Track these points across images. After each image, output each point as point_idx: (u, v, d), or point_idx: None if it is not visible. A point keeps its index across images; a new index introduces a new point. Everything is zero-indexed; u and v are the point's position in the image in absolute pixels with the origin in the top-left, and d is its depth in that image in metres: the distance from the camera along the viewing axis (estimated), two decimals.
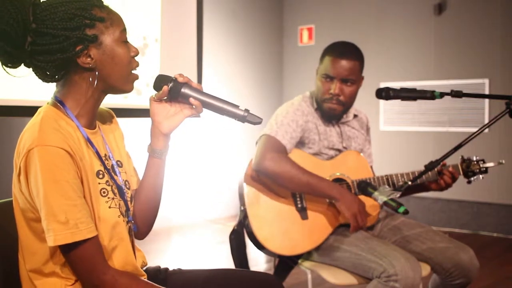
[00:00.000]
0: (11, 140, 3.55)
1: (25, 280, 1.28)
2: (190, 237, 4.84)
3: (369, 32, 5.46)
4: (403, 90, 2.02)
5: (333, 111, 2.15)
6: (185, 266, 1.58)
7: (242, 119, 1.29)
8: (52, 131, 1.17)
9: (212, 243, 4.61)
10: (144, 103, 3.53)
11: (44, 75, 1.24)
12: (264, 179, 2.07)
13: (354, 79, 2.12)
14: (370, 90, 2.55)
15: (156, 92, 1.32)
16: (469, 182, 2.18)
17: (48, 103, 1.28)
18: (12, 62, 1.21)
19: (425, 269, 2.00)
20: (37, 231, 1.22)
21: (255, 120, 1.29)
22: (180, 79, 1.30)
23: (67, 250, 1.18)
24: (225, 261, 3.74)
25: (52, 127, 1.18)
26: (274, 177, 2.02)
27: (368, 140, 2.37)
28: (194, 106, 1.31)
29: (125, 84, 1.29)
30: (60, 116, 1.24)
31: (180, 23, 4.12)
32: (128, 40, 1.31)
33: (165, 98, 1.32)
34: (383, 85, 3.94)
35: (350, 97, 2.14)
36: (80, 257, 1.18)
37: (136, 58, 1.31)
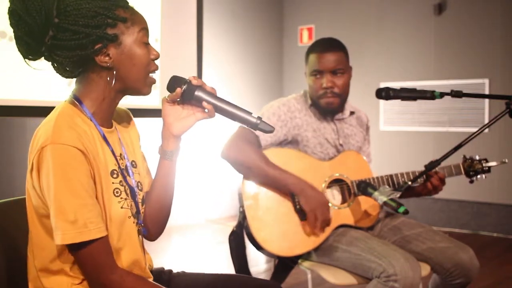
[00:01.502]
0: (11, 140, 3.56)
1: (32, 277, 1.28)
2: (190, 237, 4.84)
3: (369, 32, 5.46)
4: (403, 90, 2.02)
5: (330, 105, 2.15)
6: (186, 266, 1.59)
7: (254, 126, 1.27)
8: (66, 129, 1.18)
9: (212, 243, 4.61)
10: (150, 103, 3.53)
11: (63, 71, 1.26)
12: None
13: (343, 68, 2.14)
14: (370, 90, 2.55)
15: (169, 93, 1.32)
16: (471, 181, 2.17)
17: (66, 101, 1.28)
18: (31, 54, 1.23)
19: (425, 269, 2.00)
20: (47, 227, 1.22)
21: (267, 128, 1.28)
22: (194, 82, 1.29)
23: (76, 249, 1.18)
24: (225, 261, 3.75)
25: (67, 125, 1.19)
26: (235, 166, 2.06)
27: (367, 139, 2.38)
28: (206, 110, 1.30)
29: (142, 86, 1.29)
30: (76, 113, 1.24)
31: (180, 23, 4.12)
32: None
33: (178, 100, 1.32)
34: (383, 85, 3.94)
35: (343, 88, 2.15)
36: (88, 256, 1.18)
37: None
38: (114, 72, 1.24)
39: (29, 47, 1.20)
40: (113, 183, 1.26)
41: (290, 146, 2.17)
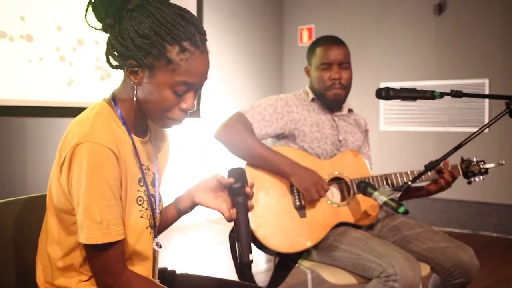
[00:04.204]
0: (11, 140, 3.56)
1: (44, 267, 1.27)
2: (190, 237, 4.84)
3: (369, 32, 5.46)
4: (403, 90, 2.02)
5: (338, 96, 2.20)
6: (186, 266, 1.59)
7: (240, 261, 1.26)
8: (104, 130, 1.18)
9: (212, 243, 4.62)
10: None
11: (108, 58, 1.24)
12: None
13: (348, 62, 2.22)
14: (370, 90, 2.55)
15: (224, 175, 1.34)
16: (469, 182, 2.19)
17: (104, 99, 1.28)
18: (102, 19, 1.22)
19: (425, 269, 2.00)
20: (65, 222, 1.22)
21: (246, 264, 1.25)
22: (247, 190, 1.31)
23: (93, 248, 1.18)
24: (226, 262, 3.75)
25: (104, 126, 1.19)
26: (229, 146, 2.10)
27: (367, 141, 2.38)
28: (228, 213, 1.31)
29: (156, 121, 1.26)
30: (112, 117, 1.24)
31: None
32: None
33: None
34: (383, 85, 3.94)
35: (349, 81, 2.22)
36: (101, 255, 1.18)
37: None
38: (136, 92, 1.22)
39: (98, 13, 1.20)
40: (138, 190, 1.26)
41: (287, 140, 2.18)
